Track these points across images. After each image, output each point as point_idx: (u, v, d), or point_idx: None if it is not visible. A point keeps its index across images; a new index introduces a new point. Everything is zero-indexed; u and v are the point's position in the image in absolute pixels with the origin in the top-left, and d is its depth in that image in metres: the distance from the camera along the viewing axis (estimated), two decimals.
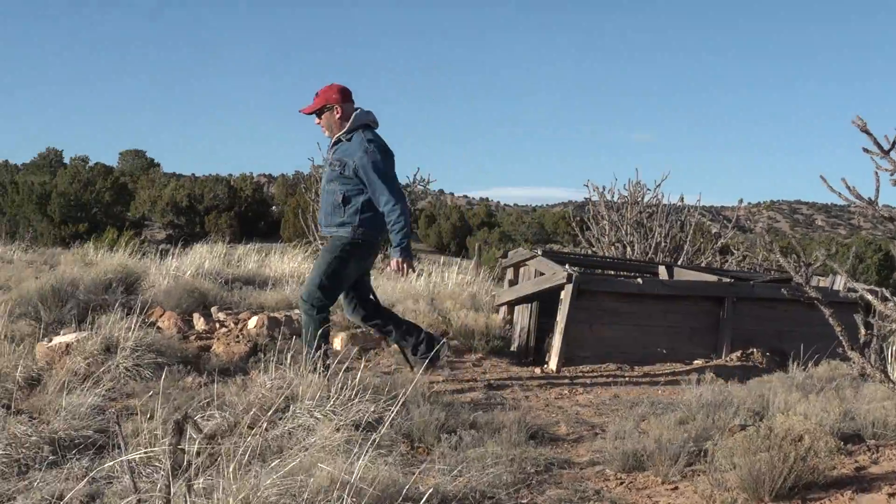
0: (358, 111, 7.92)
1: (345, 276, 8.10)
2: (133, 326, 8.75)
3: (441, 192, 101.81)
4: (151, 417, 6.38)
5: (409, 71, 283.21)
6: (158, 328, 9.86)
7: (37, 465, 5.92)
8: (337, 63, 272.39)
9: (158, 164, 78.96)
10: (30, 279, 12.57)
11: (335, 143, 8.04)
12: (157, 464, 5.49)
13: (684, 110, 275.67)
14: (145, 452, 5.47)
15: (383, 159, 7.70)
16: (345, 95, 7.89)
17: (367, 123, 7.88)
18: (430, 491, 5.20)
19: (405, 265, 7.90)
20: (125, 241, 20.19)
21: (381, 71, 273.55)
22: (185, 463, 4.68)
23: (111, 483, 5.51)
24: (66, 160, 67.44)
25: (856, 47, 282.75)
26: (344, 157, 7.84)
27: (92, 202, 40.06)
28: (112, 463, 5.48)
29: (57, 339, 8.86)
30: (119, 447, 5.31)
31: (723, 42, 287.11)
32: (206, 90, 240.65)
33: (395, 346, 8.93)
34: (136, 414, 6.68)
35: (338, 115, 7.89)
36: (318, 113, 7.97)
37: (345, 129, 7.89)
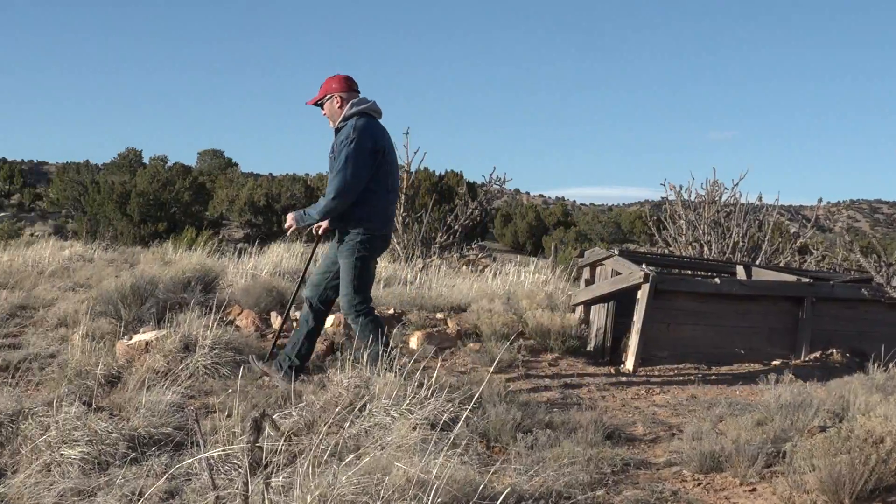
0: (356, 100, 7.77)
1: (370, 273, 8.04)
2: (211, 325, 8.82)
3: (517, 191, 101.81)
4: (230, 415, 6.44)
5: (487, 68, 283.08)
6: (236, 326, 9.94)
7: (117, 462, 5.99)
8: (417, 60, 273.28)
9: (236, 164, 79.66)
10: (110, 278, 12.73)
11: (335, 134, 7.92)
12: (235, 461, 5.54)
13: (761, 109, 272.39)
14: (224, 450, 5.51)
15: (356, 150, 7.50)
16: (345, 85, 7.78)
17: (364, 111, 7.70)
18: (507, 490, 5.20)
19: (288, 219, 7.80)
20: (203, 240, 20.45)
21: (461, 66, 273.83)
22: (263, 460, 4.72)
23: (190, 480, 5.56)
24: (146, 160, 68.21)
25: None
26: (337, 146, 7.74)
27: (171, 201, 40.40)
28: (191, 460, 5.54)
29: (137, 337, 8.96)
30: (198, 444, 5.36)
31: (802, 37, 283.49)
32: (284, 89, 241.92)
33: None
34: (215, 411, 6.76)
35: (338, 105, 7.80)
36: (321, 104, 7.95)
37: (341, 117, 7.78)
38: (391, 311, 10.59)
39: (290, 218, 7.81)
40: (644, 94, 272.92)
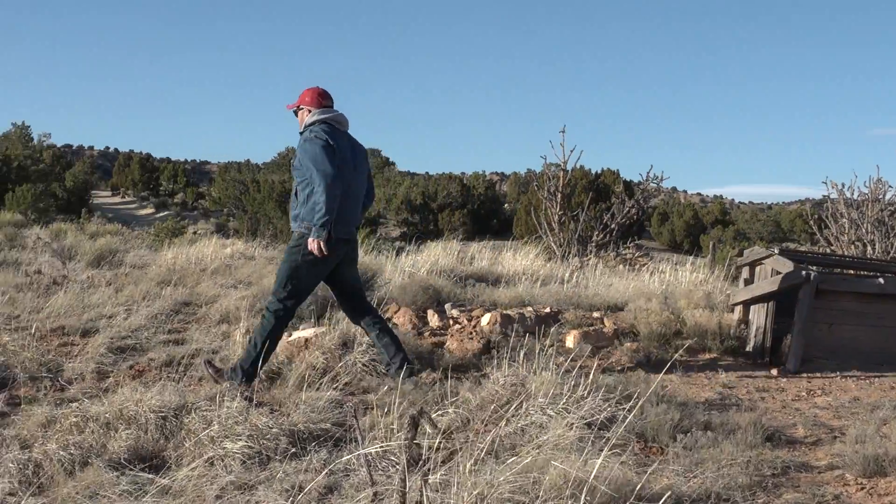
0: (321, 110, 8.04)
1: (308, 276, 8.05)
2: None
3: (674, 189, 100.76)
4: (387, 412, 6.50)
5: (644, 64, 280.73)
6: (394, 324, 10.01)
7: (277, 457, 6.09)
8: (577, 56, 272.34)
9: (393, 163, 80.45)
10: (270, 275, 12.94)
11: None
12: (392, 458, 5.58)
13: None
14: (382, 446, 5.57)
15: (318, 150, 7.70)
16: (318, 98, 8.07)
17: (325, 120, 7.95)
18: (665, 492, 5.15)
19: (316, 245, 7.70)
20: (361, 239, 20.61)
21: (620, 62, 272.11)
22: (420, 458, 4.75)
23: (348, 476, 5.63)
24: None
25: None
26: (299, 151, 7.97)
27: None
28: (349, 456, 5.60)
29: (296, 334, 9.09)
30: (356, 441, 5.41)
31: None
32: (440, 88, 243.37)
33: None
34: (373, 408, 6.82)
35: (307, 115, 8.09)
36: (296, 112, 8.22)
37: (304, 124, 8.07)
38: (547, 310, 10.56)
39: (315, 243, 7.79)
40: (805, 89, 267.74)
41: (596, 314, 10.82)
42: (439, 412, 6.82)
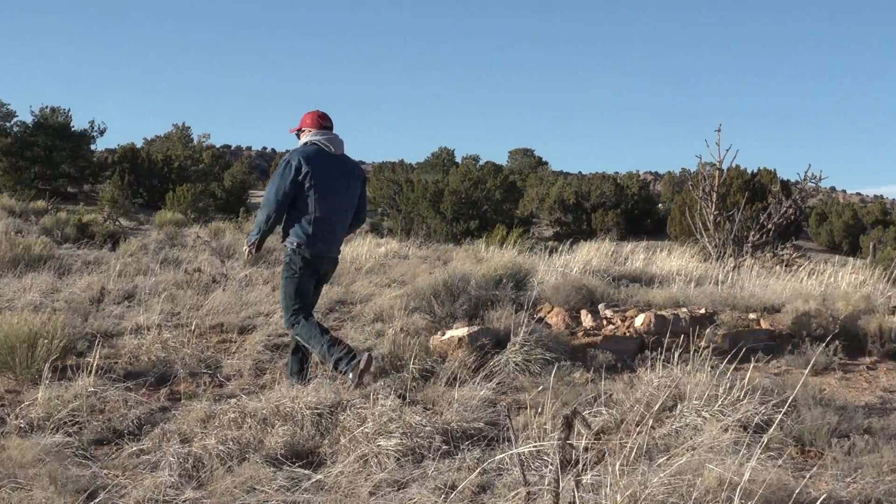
0: (314, 132, 8.29)
1: (301, 289, 8.13)
2: (522, 322, 8.92)
3: (832, 189, 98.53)
4: (540, 412, 6.49)
5: (801, 59, 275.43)
6: (547, 324, 10.00)
7: (430, 455, 6.12)
8: (729, 55, 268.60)
9: (546, 163, 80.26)
10: (424, 275, 13.04)
11: None
12: (545, 458, 5.58)
13: None
14: (535, 446, 5.56)
15: (280, 171, 8.00)
16: (318, 120, 8.35)
17: (315, 142, 8.20)
18: (823, 497, 5.05)
19: (246, 250, 8.22)
20: (514, 238, 20.65)
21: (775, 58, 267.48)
22: (573, 458, 4.73)
23: (501, 475, 5.64)
24: (458, 159, 69.51)
25: None
26: None
27: (482, 200, 40.97)
28: (503, 455, 5.61)
29: (449, 333, 9.13)
30: (509, 440, 5.43)
31: None
32: (592, 89, 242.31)
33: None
34: (526, 408, 6.82)
35: (305, 136, 8.37)
36: (298, 135, 8.48)
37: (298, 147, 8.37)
38: (702, 311, 10.44)
39: (246, 248, 8.28)
40: None
41: (752, 315, 10.65)
42: (592, 413, 6.80)
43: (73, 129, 50.07)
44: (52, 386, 7.29)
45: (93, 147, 51.95)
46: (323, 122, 8.32)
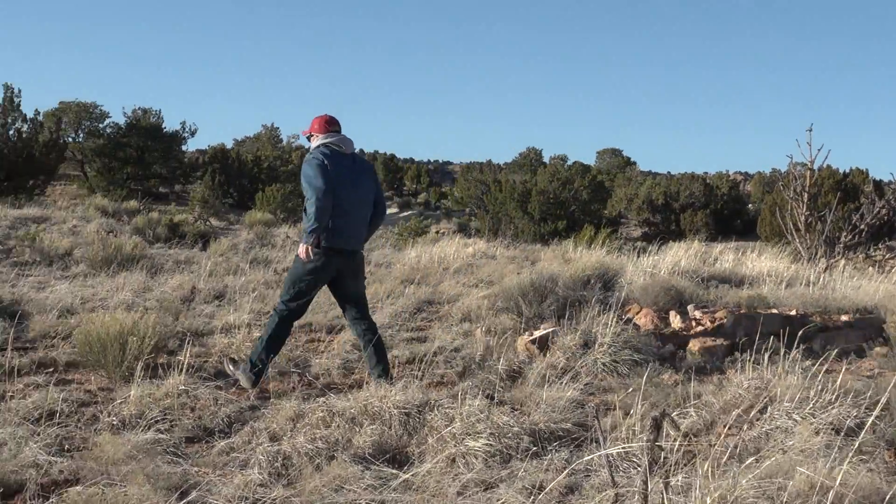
0: (325, 135, 8.55)
1: (303, 279, 8.27)
2: (610, 322, 8.88)
3: None
4: (629, 413, 6.46)
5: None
6: (635, 325, 9.94)
7: (518, 456, 6.12)
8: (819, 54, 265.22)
9: (634, 163, 79.98)
10: (512, 275, 13.03)
11: None
12: (634, 459, 5.55)
13: None
14: (623, 447, 5.54)
15: (311, 169, 8.21)
16: (325, 125, 8.60)
17: (327, 144, 8.47)
18: None
19: (303, 250, 8.17)
20: (602, 239, 20.57)
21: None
22: (661, 460, 4.71)
23: (589, 476, 5.62)
24: (546, 159, 69.44)
25: None
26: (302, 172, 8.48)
27: (570, 200, 40.85)
28: (591, 456, 5.59)
29: (537, 334, 9.12)
30: (597, 441, 5.40)
31: None
32: (682, 87, 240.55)
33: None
34: (614, 409, 6.79)
35: (314, 140, 8.66)
36: (309, 138, 8.77)
37: (310, 151, 8.66)
38: (793, 312, 10.32)
39: (301, 251, 8.27)
40: None
41: (844, 317, 10.50)
42: (681, 414, 6.75)
43: (164, 130, 50.84)
44: (143, 384, 7.40)
45: (184, 148, 52.71)
46: (330, 126, 8.60)
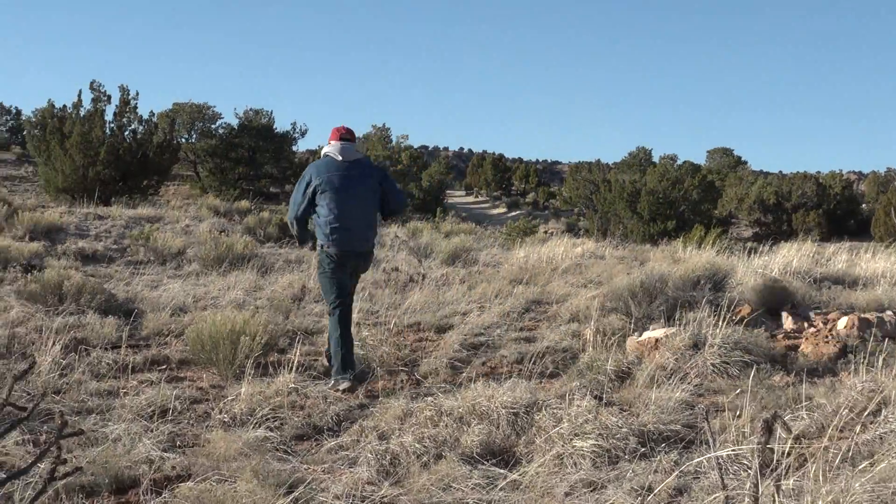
0: (330, 146, 9.09)
1: (330, 279, 8.72)
2: (721, 323, 8.79)
3: None
4: (739, 415, 6.39)
5: None
6: (745, 326, 9.83)
7: (626, 457, 6.08)
8: None
9: (746, 162, 79.02)
10: (621, 275, 12.95)
11: None
12: (744, 462, 5.49)
13: None
14: (733, 450, 5.48)
15: (297, 185, 9.00)
16: (334, 135, 9.18)
17: (326, 153, 9.08)
18: None
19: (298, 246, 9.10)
20: (712, 239, 20.37)
21: None
22: (772, 462, 4.65)
23: (698, 478, 5.56)
24: (655, 159, 68.93)
25: None
26: None
27: (680, 200, 40.54)
28: (700, 458, 5.54)
29: (646, 334, 9.06)
30: (707, 443, 5.36)
31: None
32: (795, 86, 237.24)
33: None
34: (724, 411, 6.71)
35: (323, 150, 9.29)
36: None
37: None
38: None
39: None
40: None
41: None
42: (793, 417, 6.66)
43: (275, 130, 51.38)
44: (254, 382, 7.50)
45: (294, 148, 53.26)
46: (338, 135, 9.15)
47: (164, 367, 8.61)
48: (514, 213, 61.97)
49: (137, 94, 32.01)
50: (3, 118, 63.75)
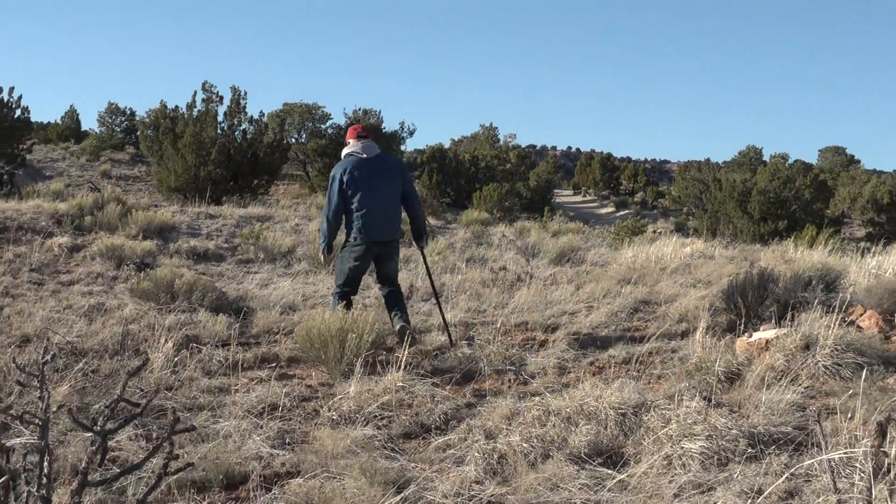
0: (351, 144, 9.88)
1: (348, 267, 9.75)
2: (832, 324, 8.66)
3: None
4: (851, 417, 6.29)
5: None
6: (858, 327, 9.68)
7: (736, 459, 6.02)
8: None
9: (859, 161, 77.73)
10: (730, 275, 12.82)
11: None
12: (856, 465, 5.40)
13: None
14: (845, 453, 5.40)
15: (329, 185, 9.74)
16: (353, 134, 9.99)
17: (349, 152, 9.81)
18: None
19: (322, 256, 10.08)
20: (824, 239, 20.08)
21: None
22: (886, 466, 4.57)
23: (809, 481, 5.49)
24: (766, 157, 68.12)
25: None
26: None
27: (791, 199, 39.99)
28: (811, 461, 5.47)
29: (757, 335, 8.96)
30: (818, 445, 5.29)
31: None
32: None
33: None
34: (836, 413, 6.61)
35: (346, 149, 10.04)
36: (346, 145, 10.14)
37: None
38: None
39: (320, 254, 10.16)
40: None
41: None
42: None
43: (384, 129, 51.70)
44: (362, 380, 7.56)
45: (402, 147, 53.55)
46: (358, 133, 9.94)
47: (273, 364, 8.72)
48: (622, 213, 61.69)
49: (246, 94, 32.37)
50: (118, 119, 64.95)
